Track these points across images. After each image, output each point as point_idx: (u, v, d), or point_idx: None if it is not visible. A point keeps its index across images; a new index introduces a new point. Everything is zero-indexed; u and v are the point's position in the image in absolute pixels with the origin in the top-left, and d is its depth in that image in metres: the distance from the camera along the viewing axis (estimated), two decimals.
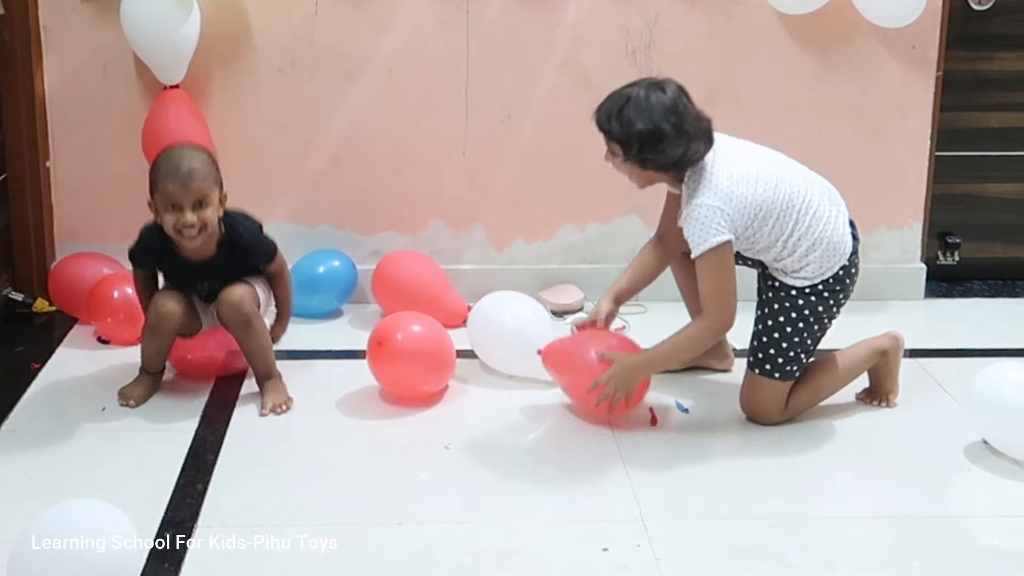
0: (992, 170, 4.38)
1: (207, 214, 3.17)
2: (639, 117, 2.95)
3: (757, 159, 3.12)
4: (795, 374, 3.19)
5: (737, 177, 3.02)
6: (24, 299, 3.97)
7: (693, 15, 4.00)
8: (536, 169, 4.07)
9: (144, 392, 3.35)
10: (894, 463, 3.11)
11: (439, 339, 3.39)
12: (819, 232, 3.09)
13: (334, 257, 4.00)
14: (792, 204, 3.07)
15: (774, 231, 3.08)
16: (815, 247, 3.09)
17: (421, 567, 2.59)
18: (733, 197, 3.00)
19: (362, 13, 3.95)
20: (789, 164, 3.18)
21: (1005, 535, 2.79)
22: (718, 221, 2.97)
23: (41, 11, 3.90)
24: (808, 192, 3.11)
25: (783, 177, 3.09)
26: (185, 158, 3.18)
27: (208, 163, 3.22)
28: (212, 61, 3.94)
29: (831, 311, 3.17)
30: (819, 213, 3.10)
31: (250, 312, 3.30)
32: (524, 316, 3.54)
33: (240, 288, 3.31)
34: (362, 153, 4.06)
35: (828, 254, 3.11)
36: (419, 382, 3.35)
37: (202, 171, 3.17)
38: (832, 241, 3.11)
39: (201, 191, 3.15)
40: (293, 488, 2.91)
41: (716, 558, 2.64)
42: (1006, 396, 3.03)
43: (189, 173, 3.14)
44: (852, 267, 3.17)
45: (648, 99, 2.97)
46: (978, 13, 4.20)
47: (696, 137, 2.99)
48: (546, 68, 4.03)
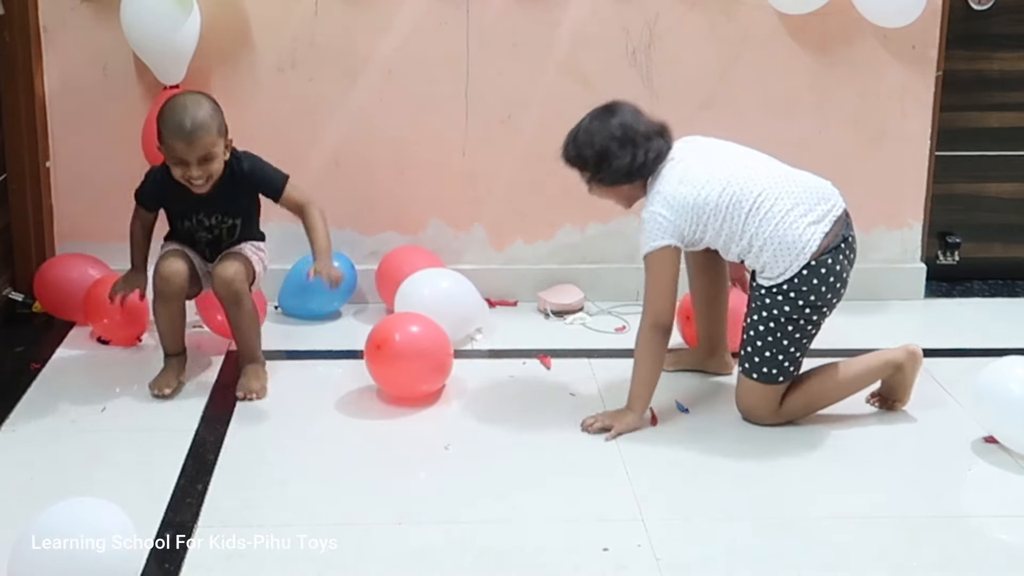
0: (992, 170, 4.38)
1: (213, 167, 3.25)
2: (586, 142, 3.21)
3: (714, 160, 3.17)
4: (777, 378, 3.17)
5: (685, 181, 3.13)
6: (24, 299, 3.97)
7: (693, 15, 4.00)
8: (536, 169, 4.07)
9: (174, 378, 3.40)
10: (894, 463, 3.11)
11: (437, 340, 3.39)
12: (769, 231, 3.09)
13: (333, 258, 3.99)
14: (740, 203, 3.10)
15: (724, 229, 3.12)
16: (766, 246, 3.10)
17: (421, 567, 2.60)
18: (675, 202, 3.12)
19: (362, 13, 3.95)
20: (752, 164, 3.19)
21: (1005, 535, 2.79)
22: (661, 227, 3.13)
23: (41, 11, 3.90)
24: (763, 191, 3.11)
25: (735, 177, 3.13)
26: (189, 113, 3.21)
27: (212, 114, 3.24)
28: (212, 61, 3.94)
29: (802, 312, 3.11)
30: (772, 212, 3.10)
31: (240, 290, 3.34)
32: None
33: (234, 264, 3.35)
34: (362, 153, 4.07)
35: (781, 253, 3.09)
36: (417, 382, 3.35)
37: (206, 125, 3.21)
38: (785, 240, 3.08)
39: (205, 147, 3.22)
40: (293, 488, 2.91)
41: (716, 558, 2.64)
42: (1013, 392, 3.03)
43: (193, 130, 3.19)
44: (821, 268, 3.10)
45: (592, 124, 3.21)
46: (978, 13, 4.20)
47: (643, 144, 3.16)
48: (546, 68, 4.03)
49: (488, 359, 3.71)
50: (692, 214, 3.12)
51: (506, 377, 3.55)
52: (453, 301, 3.71)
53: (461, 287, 3.78)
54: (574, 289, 4.12)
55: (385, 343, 3.31)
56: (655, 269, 3.16)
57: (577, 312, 4.07)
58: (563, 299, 4.08)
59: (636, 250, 3.42)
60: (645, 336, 3.19)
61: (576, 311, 4.07)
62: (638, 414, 3.20)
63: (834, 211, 3.17)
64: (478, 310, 3.81)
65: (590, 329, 3.96)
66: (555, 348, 3.75)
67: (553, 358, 3.66)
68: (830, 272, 3.11)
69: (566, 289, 4.12)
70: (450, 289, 3.74)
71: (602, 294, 4.13)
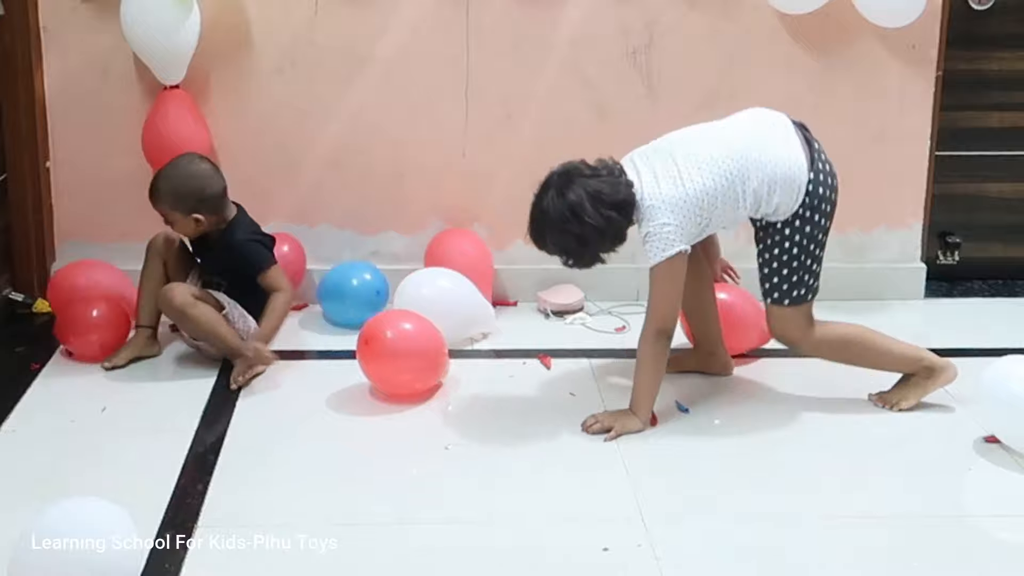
0: (992, 170, 4.38)
1: (175, 228, 3.54)
2: (554, 243, 3.16)
3: (670, 160, 3.15)
4: (805, 297, 3.24)
5: (666, 191, 3.11)
6: (24, 299, 3.97)
7: (693, 15, 4.00)
8: (536, 169, 4.04)
9: (128, 353, 3.56)
10: (894, 463, 3.11)
11: (428, 337, 3.39)
12: (767, 178, 3.12)
13: (365, 270, 3.95)
14: (728, 176, 3.11)
15: (728, 203, 3.13)
16: (773, 191, 3.13)
17: (421, 567, 2.60)
18: (675, 205, 3.10)
19: (362, 13, 3.95)
20: (702, 138, 3.20)
21: (1005, 534, 2.79)
22: (670, 235, 3.10)
23: (41, 12, 3.90)
24: (733, 154, 3.13)
25: (702, 160, 3.13)
26: (163, 175, 3.50)
27: (177, 194, 3.47)
28: (212, 61, 3.93)
29: (820, 226, 3.19)
30: (758, 164, 3.12)
31: (181, 306, 3.43)
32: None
33: (178, 286, 3.48)
34: (362, 153, 4.06)
35: (786, 187, 3.13)
36: (406, 379, 3.36)
37: (163, 198, 3.48)
38: (784, 176, 3.13)
39: (161, 211, 3.51)
40: (293, 488, 2.91)
41: (716, 558, 2.64)
42: (1014, 391, 3.03)
43: (152, 192, 3.49)
44: (819, 175, 3.16)
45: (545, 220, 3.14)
46: (978, 13, 4.20)
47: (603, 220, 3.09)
48: (546, 68, 4.03)
49: (488, 359, 3.71)
50: (694, 208, 3.10)
51: (506, 377, 3.55)
52: (454, 302, 3.71)
53: (463, 288, 3.77)
54: (574, 289, 4.12)
55: (373, 339, 3.32)
56: (665, 278, 3.14)
57: (577, 312, 4.07)
58: (563, 299, 4.08)
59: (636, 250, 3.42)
60: (649, 342, 3.19)
61: (576, 311, 4.07)
62: (641, 419, 3.20)
63: (786, 124, 3.23)
64: (481, 312, 3.79)
65: (590, 329, 3.96)
66: (555, 348, 3.76)
67: (553, 358, 3.66)
68: (823, 174, 3.19)
69: (566, 289, 4.12)
70: (452, 289, 3.74)
71: (602, 294, 4.13)
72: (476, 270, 3.89)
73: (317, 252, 4.06)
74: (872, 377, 3.39)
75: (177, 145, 3.79)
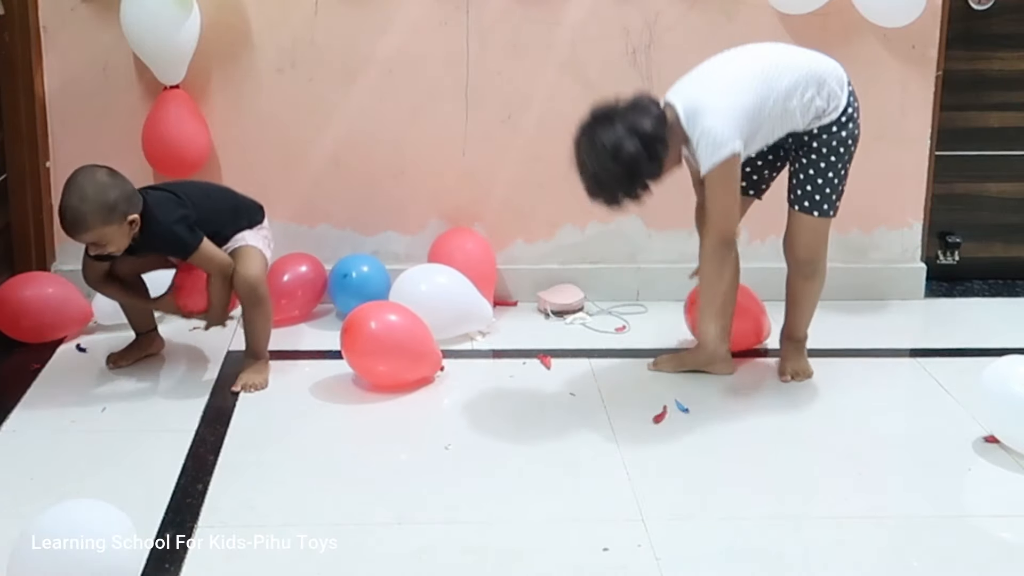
0: (992, 170, 4.38)
1: (110, 248, 3.24)
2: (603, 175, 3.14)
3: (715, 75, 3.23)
4: (833, 208, 3.31)
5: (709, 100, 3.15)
6: None
7: (693, 15, 4.00)
8: (536, 169, 4.07)
9: (129, 354, 3.56)
10: (894, 463, 3.11)
11: (411, 329, 3.41)
12: (815, 75, 3.20)
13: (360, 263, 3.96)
14: (771, 83, 3.18)
15: (774, 111, 3.18)
16: (822, 86, 3.21)
17: (421, 567, 2.59)
18: (727, 111, 3.13)
19: (362, 13, 3.95)
20: (739, 58, 3.28)
21: (1005, 534, 2.79)
22: (723, 132, 3.10)
23: (41, 11, 3.90)
24: (768, 63, 3.21)
25: (743, 73, 3.20)
26: (71, 207, 3.14)
27: (105, 205, 3.14)
28: (212, 61, 3.94)
29: (855, 137, 3.29)
30: (792, 65, 3.21)
31: (262, 295, 3.41)
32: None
33: (255, 265, 3.40)
34: (362, 153, 4.07)
35: (832, 83, 3.23)
36: (384, 369, 3.38)
37: (91, 218, 3.14)
38: (830, 72, 3.24)
39: (95, 236, 3.18)
40: (293, 488, 2.91)
41: (716, 558, 2.64)
42: (1014, 391, 3.03)
43: (74, 225, 3.15)
44: (851, 87, 3.30)
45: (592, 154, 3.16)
46: (978, 13, 4.20)
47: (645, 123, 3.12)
48: (546, 68, 4.03)
49: (488, 359, 3.71)
50: (747, 114, 3.14)
51: (506, 377, 3.55)
52: (450, 297, 3.71)
53: (459, 284, 3.77)
54: (574, 289, 4.12)
55: (352, 327, 3.34)
56: (721, 182, 3.15)
57: (577, 312, 4.07)
58: (563, 299, 4.08)
59: (636, 250, 3.43)
60: (712, 252, 3.19)
61: (576, 311, 4.07)
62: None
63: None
64: (477, 309, 3.80)
65: (590, 329, 3.96)
66: (555, 348, 3.75)
67: (553, 358, 3.66)
68: (853, 92, 3.30)
69: (566, 289, 4.12)
70: (447, 285, 3.74)
71: (602, 294, 4.13)
72: (479, 270, 3.89)
73: (317, 252, 4.06)
74: (872, 381, 3.38)
75: (177, 145, 3.80)
